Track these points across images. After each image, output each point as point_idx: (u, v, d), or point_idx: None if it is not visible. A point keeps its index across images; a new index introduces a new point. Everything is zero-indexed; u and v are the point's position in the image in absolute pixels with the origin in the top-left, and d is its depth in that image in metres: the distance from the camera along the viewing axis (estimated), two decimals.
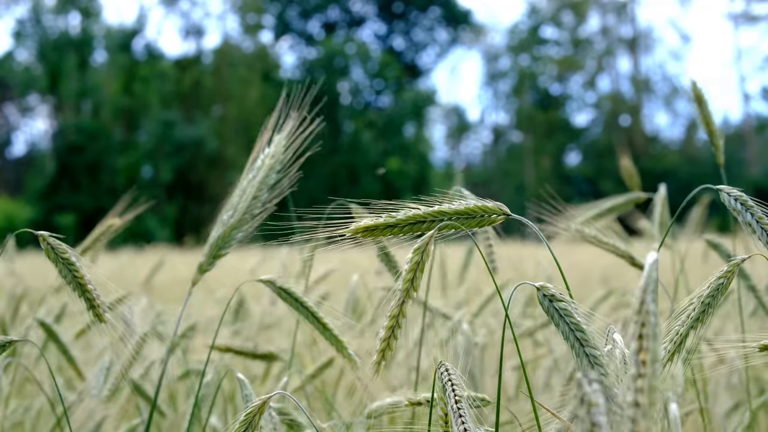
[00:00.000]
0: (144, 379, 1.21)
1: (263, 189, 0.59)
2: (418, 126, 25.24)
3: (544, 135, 26.61)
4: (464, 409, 0.58)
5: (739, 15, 26.61)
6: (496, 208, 0.60)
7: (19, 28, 24.05)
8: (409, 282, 0.57)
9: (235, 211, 0.58)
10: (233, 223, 0.58)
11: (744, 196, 0.65)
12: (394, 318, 0.57)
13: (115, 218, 1.18)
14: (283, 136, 0.60)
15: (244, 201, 0.57)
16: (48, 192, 21.42)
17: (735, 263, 0.66)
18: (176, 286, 3.95)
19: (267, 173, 0.58)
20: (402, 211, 0.59)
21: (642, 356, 0.40)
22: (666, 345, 0.65)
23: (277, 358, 1.04)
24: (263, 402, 0.63)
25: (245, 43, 26.97)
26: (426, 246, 0.57)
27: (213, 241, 0.57)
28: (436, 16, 27.94)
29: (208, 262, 0.58)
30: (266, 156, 0.59)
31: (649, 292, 0.41)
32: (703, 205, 1.57)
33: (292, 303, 0.78)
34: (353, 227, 0.59)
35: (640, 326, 0.40)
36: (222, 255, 0.58)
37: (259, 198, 0.59)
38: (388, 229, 0.59)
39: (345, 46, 25.22)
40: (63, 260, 0.66)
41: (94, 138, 22.59)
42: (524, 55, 27.93)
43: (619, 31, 27.93)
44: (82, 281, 0.66)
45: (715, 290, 0.66)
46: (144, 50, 25.40)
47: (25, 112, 25.47)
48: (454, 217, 0.59)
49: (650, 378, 0.39)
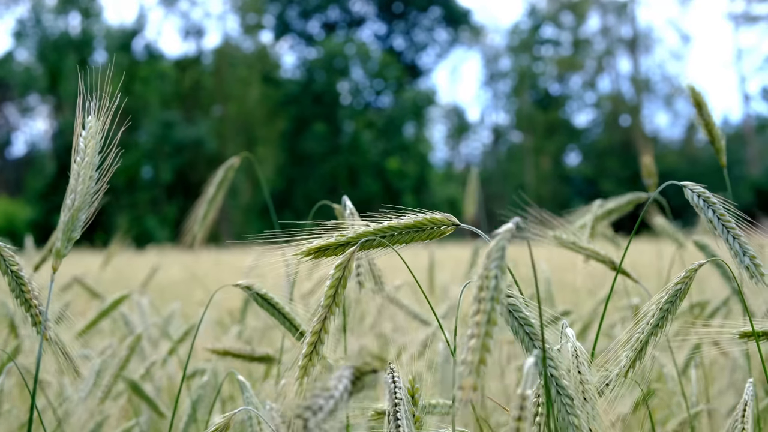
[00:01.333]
0: (144, 380, 1.21)
1: (93, 170, 0.61)
2: (418, 126, 25.24)
3: (544, 135, 26.61)
4: (401, 413, 0.58)
5: (739, 15, 26.62)
6: (445, 219, 0.60)
7: (19, 28, 24.06)
8: (330, 298, 0.57)
9: (77, 195, 0.59)
10: (78, 206, 0.59)
11: (707, 193, 0.65)
12: (315, 334, 0.57)
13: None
14: (92, 117, 0.61)
15: (81, 184, 0.59)
16: (48, 192, 21.42)
17: (692, 269, 0.66)
18: (177, 287, 3.96)
19: (92, 156, 0.60)
20: (352, 229, 0.60)
21: (477, 318, 0.41)
22: (626, 352, 0.65)
23: (275, 360, 1.04)
24: (228, 420, 0.64)
25: (245, 44, 26.99)
26: (348, 262, 0.57)
27: (64, 226, 0.59)
28: (436, 17, 27.95)
29: (64, 245, 0.60)
30: (85, 139, 0.60)
31: (492, 260, 0.43)
32: None
33: (269, 310, 0.78)
34: (305, 249, 0.59)
35: (479, 290, 0.42)
36: (74, 237, 0.59)
37: (93, 178, 0.61)
38: (339, 248, 0.59)
39: (345, 47, 25.22)
40: (12, 272, 0.65)
41: None
42: (524, 55, 27.93)
43: (619, 31, 27.94)
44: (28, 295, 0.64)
45: (674, 296, 0.65)
46: (144, 50, 25.41)
47: (25, 112, 25.49)
48: (404, 231, 0.59)
49: (482, 338, 0.41)
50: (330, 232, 0.60)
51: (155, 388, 1.25)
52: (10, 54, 24.32)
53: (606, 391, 0.62)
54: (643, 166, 1.30)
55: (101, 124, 0.61)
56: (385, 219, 0.60)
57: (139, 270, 3.95)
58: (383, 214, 0.60)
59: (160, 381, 1.29)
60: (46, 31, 24.03)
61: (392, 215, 0.60)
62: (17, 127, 25.83)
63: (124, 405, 1.27)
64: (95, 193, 0.60)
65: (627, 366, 0.64)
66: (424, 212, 0.60)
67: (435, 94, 25.93)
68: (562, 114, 27.65)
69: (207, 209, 1.14)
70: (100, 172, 0.60)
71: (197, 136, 22.94)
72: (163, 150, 22.94)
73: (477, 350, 0.40)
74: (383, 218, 0.60)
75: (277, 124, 24.37)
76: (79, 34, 24.20)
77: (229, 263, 5.67)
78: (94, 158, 0.60)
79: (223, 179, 1.14)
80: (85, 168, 0.60)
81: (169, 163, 22.98)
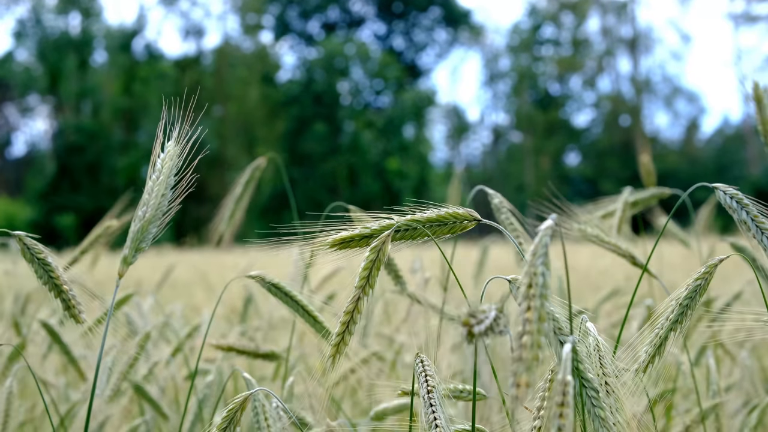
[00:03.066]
0: (148, 380, 1.21)
1: (168, 188, 0.63)
2: (418, 126, 25.23)
3: (544, 135, 26.60)
4: (435, 399, 0.59)
5: (739, 15, 26.61)
6: (467, 214, 0.61)
7: (19, 28, 24.06)
8: (364, 279, 0.58)
9: (148, 208, 0.61)
10: (149, 218, 0.62)
11: (740, 194, 0.65)
12: (349, 314, 0.58)
13: (112, 219, 1.18)
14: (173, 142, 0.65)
15: (154, 198, 0.61)
16: (48, 192, 21.41)
17: (712, 265, 0.66)
18: (177, 287, 3.96)
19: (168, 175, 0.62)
20: (376, 222, 0.61)
21: (528, 315, 0.42)
22: (646, 348, 0.65)
23: (280, 357, 1.04)
24: (245, 398, 0.64)
25: (245, 44, 26.98)
26: (383, 244, 0.59)
27: (134, 235, 0.61)
28: (435, 17, 27.94)
29: (131, 254, 0.61)
30: (164, 158, 0.64)
31: (539, 256, 0.43)
32: (712, 204, 1.57)
33: (282, 298, 0.79)
34: (330, 240, 0.60)
35: (528, 287, 0.43)
36: (143, 248, 0.61)
37: (166, 196, 0.63)
38: (363, 240, 0.60)
39: (345, 47, 25.21)
40: (39, 260, 0.66)
41: (94, 138, 22.59)
42: (524, 55, 27.93)
43: (619, 31, 27.93)
44: (57, 281, 0.66)
45: (693, 292, 0.66)
46: (144, 50, 25.41)
47: (25, 113, 25.48)
48: (426, 225, 0.60)
49: (534, 335, 0.41)
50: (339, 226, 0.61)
51: (159, 388, 1.25)
52: (10, 54, 24.32)
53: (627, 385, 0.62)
54: (642, 165, 1.31)
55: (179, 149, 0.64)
56: (408, 213, 0.61)
57: (137, 270, 3.95)
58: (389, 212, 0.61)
59: (164, 381, 1.29)
60: (46, 31, 24.02)
61: (416, 209, 0.61)
62: (17, 127, 25.84)
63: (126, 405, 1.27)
64: (166, 211, 0.63)
65: (646, 361, 0.64)
66: (447, 206, 0.61)
67: (435, 94, 25.93)
68: (562, 114, 27.64)
69: (234, 209, 1.15)
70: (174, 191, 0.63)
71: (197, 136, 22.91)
72: None
73: (530, 347, 0.41)
74: (406, 212, 0.61)
75: (277, 124, 24.37)
76: (79, 34, 24.19)
77: (229, 263, 5.68)
78: (169, 178, 0.63)
79: (250, 179, 1.14)
80: (159, 185, 0.62)
81: None
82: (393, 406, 0.90)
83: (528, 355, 0.40)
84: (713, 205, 1.57)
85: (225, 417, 0.64)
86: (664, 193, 1.18)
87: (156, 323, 1.35)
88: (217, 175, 23.04)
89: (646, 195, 1.17)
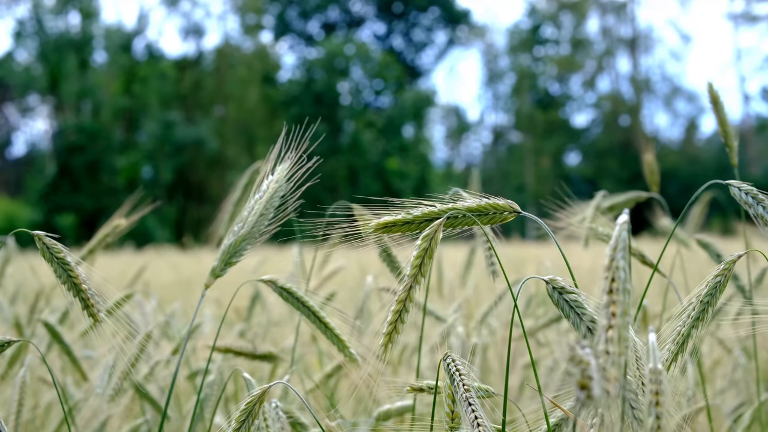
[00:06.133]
0: (148, 380, 1.21)
1: (269, 209, 0.62)
2: (418, 126, 25.23)
3: (544, 135, 26.60)
4: (473, 398, 0.59)
5: (739, 15, 26.61)
6: (507, 206, 0.61)
7: (19, 28, 24.05)
8: (417, 267, 0.58)
9: (245, 224, 0.60)
10: (243, 235, 0.60)
11: (754, 190, 0.66)
12: (401, 302, 0.58)
13: (120, 219, 1.18)
14: (285, 166, 0.64)
15: (252, 216, 0.60)
16: (48, 192, 21.41)
17: (732, 260, 0.66)
18: (176, 287, 3.96)
19: (272, 196, 0.62)
20: (419, 208, 0.61)
21: (612, 308, 0.42)
22: (669, 346, 0.65)
23: (277, 358, 1.04)
24: (263, 391, 0.64)
25: (245, 44, 26.99)
26: (435, 233, 0.59)
27: (225, 249, 0.60)
28: (435, 17, 27.94)
29: (220, 267, 0.61)
30: (271, 181, 0.63)
31: (619, 250, 0.44)
32: (704, 203, 1.57)
33: (293, 303, 0.79)
34: (374, 224, 0.61)
35: (610, 281, 0.43)
36: (233, 263, 0.60)
37: (266, 216, 0.62)
38: (405, 226, 0.61)
39: (345, 47, 25.22)
40: (58, 260, 0.66)
41: (94, 138, 22.59)
42: (524, 55, 27.93)
43: (618, 31, 27.93)
44: (76, 281, 0.66)
45: (713, 288, 0.66)
46: (144, 51, 25.40)
47: (25, 113, 25.49)
48: (467, 214, 0.60)
49: (620, 328, 0.41)
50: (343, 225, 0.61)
51: (159, 388, 1.25)
52: (10, 54, 24.32)
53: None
54: (645, 164, 1.31)
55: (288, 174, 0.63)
56: (449, 201, 0.61)
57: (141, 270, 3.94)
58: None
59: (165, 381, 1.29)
60: (46, 31, 24.02)
61: (456, 198, 0.61)
62: (17, 127, 25.84)
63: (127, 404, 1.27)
64: (263, 232, 0.62)
65: (670, 359, 0.65)
66: (488, 197, 0.61)
67: (435, 94, 25.93)
68: (561, 114, 27.65)
69: (233, 212, 1.15)
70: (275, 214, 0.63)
71: (197, 136, 22.94)
72: (163, 150, 22.93)
73: (616, 341, 0.41)
74: (447, 201, 0.61)
75: (277, 124, 24.36)
76: (79, 34, 24.20)
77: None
78: (272, 200, 0.62)
79: (249, 182, 1.15)
80: (260, 205, 0.62)
81: (169, 163, 22.98)
82: (396, 408, 0.90)
83: (615, 348, 0.40)
84: (705, 204, 1.57)
85: (243, 410, 0.63)
86: (641, 197, 1.18)
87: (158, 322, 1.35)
88: (217, 175, 23.05)
89: (623, 199, 1.17)
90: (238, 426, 0.63)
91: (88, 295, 0.66)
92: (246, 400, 0.64)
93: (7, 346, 0.71)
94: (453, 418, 0.61)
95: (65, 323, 1.35)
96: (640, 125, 26.62)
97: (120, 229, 1.17)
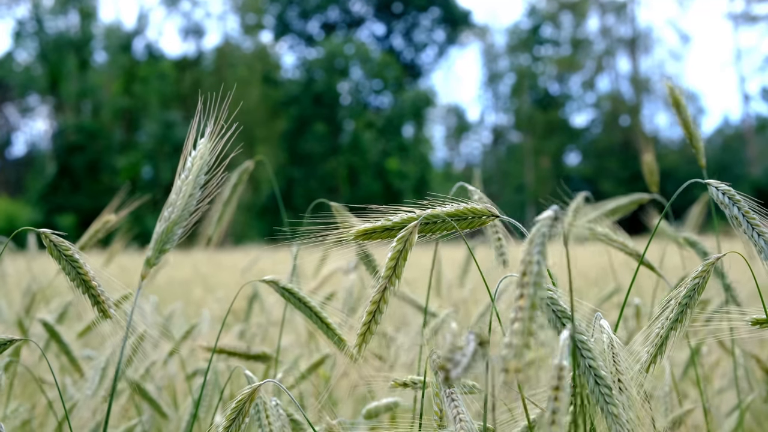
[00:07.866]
0: (145, 379, 1.21)
1: (196, 188, 0.61)
2: (418, 126, 25.25)
3: (544, 135, 26.61)
4: (456, 394, 0.59)
5: (739, 15, 26.63)
6: (486, 210, 0.61)
7: (19, 28, 24.06)
8: (391, 269, 0.58)
9: (174, 209, 0.59)
10: (174, 219, 0.60)
11: (732, 191, 0.65)
12: (375, 304, 0.59)
13: (110, 214, 1.18)
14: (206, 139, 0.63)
15: (181, 199, 0.60)
16: (48, 192, 21.42)
17: (710, 262, 0.66)
18: (176, 287, 3.96)
19: (198, 174, 0.61)
20: (398, 215, 0.61)
21: (521, 302, 0.42)
22: (647, 348, 0.65)
23: (271, 358, 1.04)
24: (254, 389, 0.64)
25: (245, 44, 26.99)
26: (409, 235, 0.59)
27: (158, 237, 0.60)
28: (435, 17, 27.95)
29: (155, 256, 0.60)
30: (195, 158, 0.62)
31: (535, 245, 0.44)
32: (703, 203, 1.56)
33: (295, 303, 0.79)
34: (354, 231, 0.61)
35: (522, 275, 0.43)
36: (167, 249, 0.60)
37: (194, 196, 0.61)
38: (385, 232, 0.61)
39: (344, 47, 25.23)
40: (66, 257, 0.66)
41: (94, 138, 22.60)
42: (524, 55, 27.94)
43: (618, 31, 27.95)
44: (86, 277, 0.66)
45: (692, 290, 0.66)
46: (144, 51, 25.42)
47: (25, 113, 25.49)
48: (446, 219, 0.61)
49: (526, 322, 0.41)
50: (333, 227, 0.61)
51: (156, 387, 1.25)
52: (10, 54, 24.33)
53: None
54: (645, 164, 1.30)
55: (211, 146, 0.62)
56: (428, 207, 0.61)
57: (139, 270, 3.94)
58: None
59: (162, 381, 1.29)
60: (46, 31, 24.02)
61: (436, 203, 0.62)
62: (17, 127, 25.84)
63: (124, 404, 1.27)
64: (193, 211, 0.61)
65: (648, 361, 0.64)
66: (466, 202, 0.61)
67: (434, 94, 25.94)
68: (561, 114, 27.66)
69: (222, 211, 1.15)
70: (203, 191, 0.61)
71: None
72: (163, 150, 22.94)
73: (521, 334, 0.41)
74: (426, 206, 0.61)
75: (277, 124, 24.37)
76: (78, 34, 24.20)
77: (230, 263, 5.68)
78: (198, 177, 0.61)
79: (238, 182, 1.15)
80: (188, 185, 0.61)
81: (169, 163, 22.98)
82: (384, 404, 0.90)
83: (519, 341, 0.40)
84: (704, 203, 1.56)
85: (234, 408, 0.64)
86: (643, 199, 1.18)
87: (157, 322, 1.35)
88: None
89: (624, 202, 1.17)
90: (228, 424, 0.64)
91: (98, 291, 0.66)
92: (237, 398, 0.64)
93: (7, 345, 0.71)
94: (441, 416, 0.61)
95: (63, 322, 1.35)
96: (640, 125, 26.63)
97: (110, 225, 1.16)
